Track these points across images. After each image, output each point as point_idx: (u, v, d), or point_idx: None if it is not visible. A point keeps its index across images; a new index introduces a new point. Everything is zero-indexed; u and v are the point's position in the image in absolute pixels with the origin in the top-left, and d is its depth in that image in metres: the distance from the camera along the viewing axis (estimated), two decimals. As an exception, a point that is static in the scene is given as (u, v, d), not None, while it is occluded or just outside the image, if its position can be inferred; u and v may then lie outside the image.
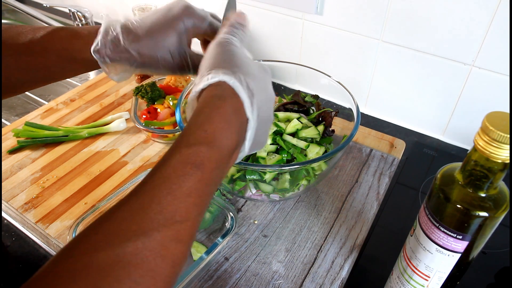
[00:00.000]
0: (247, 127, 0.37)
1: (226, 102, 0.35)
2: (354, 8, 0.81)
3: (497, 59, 0.72)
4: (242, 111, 0.36)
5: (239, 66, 0.39)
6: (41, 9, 1.35)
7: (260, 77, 0.41)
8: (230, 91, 0.36)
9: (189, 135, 0.33)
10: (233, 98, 0.36)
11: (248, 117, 0.37)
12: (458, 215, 0.39)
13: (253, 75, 0.39)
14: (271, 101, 0.43)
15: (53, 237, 0.64)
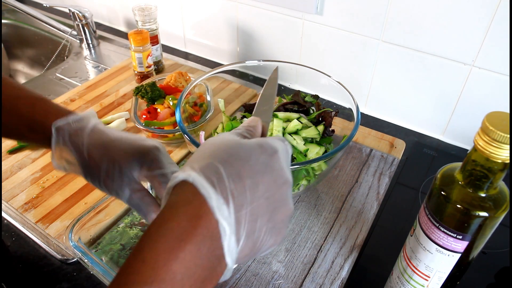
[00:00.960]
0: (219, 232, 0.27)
1: (179, 212, 0.27)
2: (354, 8, 0.81)
3: (497, 59, 0.72)
4: (208, 215, 0.27)
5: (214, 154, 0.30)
6: (41, 9, 1.35)
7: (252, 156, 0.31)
8: (190, 192, 0.28)
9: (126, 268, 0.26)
10: (191, 202, 0.27)
11: (218, 219, 0.27)
12: (458, 215, 0.39)
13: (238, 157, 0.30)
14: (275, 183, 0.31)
15: (53, 237, 0.64)
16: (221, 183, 0.28)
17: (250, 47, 1.04)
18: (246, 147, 0.32)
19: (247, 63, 0.77)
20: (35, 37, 1.33)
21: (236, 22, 1.02)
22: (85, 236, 0.61)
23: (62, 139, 0.43)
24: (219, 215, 0.27)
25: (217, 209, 0.27)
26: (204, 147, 0.32)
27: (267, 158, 0.31)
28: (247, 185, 0.29)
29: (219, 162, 0.29)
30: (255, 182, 0.30)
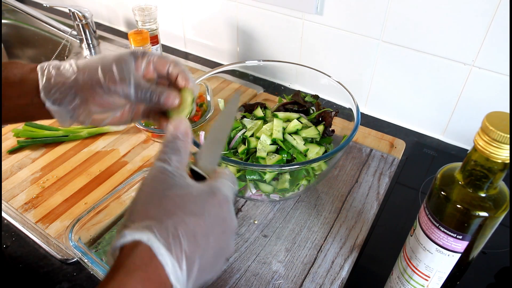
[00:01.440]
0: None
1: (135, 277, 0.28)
2: (354, 8, 0.81)
3: (497, 59, 0.72)
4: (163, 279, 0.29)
5: (168, 210, 0.31)
6: (41, 9, 1.35)
7: (203, 211, 0.33)
8: (146, 255, 0.28)
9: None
10: (148, 266, 0.28)
11: (173, 284, 0.29)
12: (458, 215, 0.39)
13: (190, 214, 0.31)
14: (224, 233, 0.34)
15: (53, 237, 0.64)
16: (177, 246, 0.29)
17: (250, 47, 1.04)
18: (199, 199, 0.33)
19: (247, 63, 0.77)
20: (35, 37, 1.33)
21: (236, 22, 1.02)
22: (85, 236, 0.61)
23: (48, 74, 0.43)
24: (174, 279, 0.29)
25: (172, 274, 0.29)
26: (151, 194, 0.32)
27: (219, 210, 0.34)
28: (200, 242, 0.31)
29: (175, 222, 0.30)
30: (207, 237, 0.32)
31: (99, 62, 0.43)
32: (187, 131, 0.38)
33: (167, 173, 0.34)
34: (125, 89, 0.42)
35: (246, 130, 0.70)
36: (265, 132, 0.67)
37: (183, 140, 0.37)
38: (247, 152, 0.66)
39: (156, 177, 0.34)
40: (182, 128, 0.38)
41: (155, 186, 0.33)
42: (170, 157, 0.35)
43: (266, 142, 0.65)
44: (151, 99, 0.43)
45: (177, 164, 0.35)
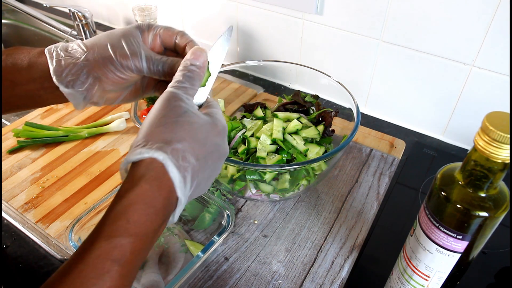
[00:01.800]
0: (177, 203, 0.35)
1: (154, 185, 0.33)
2: (354, 8, 0.81)
3: (497, 59, 0.72)
4: (172, 191, 0.34)
5: (179, 135, 0.36)
6: (41, 9, 1.35)
7: (207, 139, 0.38)
8: (161, 170, 0.34)
9: (111, 224, 0.32)
10: (162, 179, 0.34)
11: (179, 196, 0.35)
12: (458, 215, 0.39)
13: (196, 141, 0.37)
14: (219, 158, 0.40)
15: (53, 237, 0.64)
16: (184, 167, 0.35)
17: (250, 47, 1.04)
18: (204, 129, 0.38)
19: (247, 63, 0.77)
20: (35, 37, 1.33)
21: (236, 22, 1.02)
22: (85, 236, 0.61)
23: (57, 57, 0.43)
24: (180, 193, 0.35)
25: (179, 188, 0.35)
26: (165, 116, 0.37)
27: (218, 138, 0.40)
28: (201, 164, 0.37)
29: (185, 147, 0.36)
30: (206, 159, 0.38)
31: (107, 39, 0.43)
32: (205, 63, 0.41)
33: (180, 100, 0.38)
34: (137, 63, 0.43)
35: (246, 130, 0.70)
36: (265, 132, 0.67)
37: (198, 70, 0.41)
38: (247, 152, 0.67)
39: (169, 102, 0.37)
40: (201, 58, 0.41)
41: (167, 111, 0.37)
42: (184, 85, 0.39)
43: (266, 142, 0.65)
44: (163, 70, 0.44)
45: (190, 92, 0.39)
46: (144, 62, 0.43)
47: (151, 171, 0.34)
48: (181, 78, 0.39)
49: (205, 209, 0.65)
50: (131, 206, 0.32)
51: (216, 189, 0.72)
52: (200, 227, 0.65)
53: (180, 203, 0.36)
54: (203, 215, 0.65)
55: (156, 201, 0.33)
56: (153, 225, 0.33)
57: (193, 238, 0.64)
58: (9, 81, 0.43)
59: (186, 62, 0.41)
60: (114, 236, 0.31)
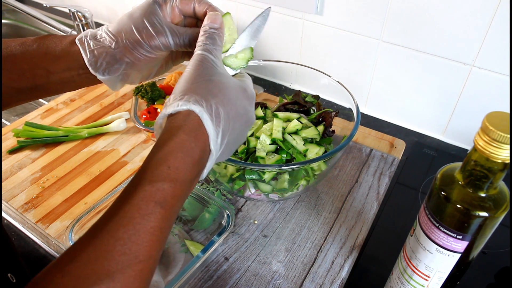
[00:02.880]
0: (209, 157, 0.38)
1: (191, 136, 0.36)
2: (354, 8, 0.81)
3: (497, 59, 0.72)
4: (206, 143, 0.37)
5: (212, 91, 0.38)
6: (41, 9, 1.35)
7: (237, 99, 0.40)
8: (197, 122, 0.36)
9: (153, 170, 0.33)
10: (198, 131, 0.36)
11: (211, 149, 0.37)
12: (458, 215, 0.39)
13: (228, 99, 0.39)
14: (246, 123, 0.42)
15: (53, 237, 0.64)
16: (217, 121, 0.38)
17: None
18: (235, 90, 0.41)
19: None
20: (35, 37, 1.33)
21: (236, 22, 1.02)
22: (85, 236, 0.61)
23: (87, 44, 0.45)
24: (213, 146, 0.37)
25: (212, 141, 0.37)
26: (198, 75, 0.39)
27: (247, 103, 0.42)
28: (231, 123, 0.39)
29: (217, 103, 0.38)
30: (235, 120, 0.40)
31: (131, 21, 0.45)
32: (222, 24, 0.44)
33: (209, 61, 0.41)
34: (164, 41, 0.45)
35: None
36: (265, 132, 0.67)
37: (219, 31, 0.43)
38: (247, 151, 0.66)
39: (201, 63, 0.40)
40: (218, 21, 0.44)
41: (201, 70, 0.40)
42: (210, 47, 0.41)
43: (265, 142, 0.65)
44: (189, 42, 0.45)
45: (216, 53, 0.42)
46: (170, 39, 0.45)
47: (188, 122, 0.36)
48: (205, 40, 0.42)
49: (205, 209, 0.65)
50: (171, 154, 0.34)
51: (216, 189, 0.72)
52: (200, 227, 0.65)
53: (211, 158, 0.38)
54: (203, 215, 0.65)
55: (193, 151, 0.35)
56: (191, 174, 0.35)
57: (193, 238, 0.64)
58: (44, 70, 0.45)
59: (205, 27, 0.43)
60: (156, 181, 0.32)
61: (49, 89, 0.47)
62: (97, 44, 0.45)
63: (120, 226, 0.30)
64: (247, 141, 0.67)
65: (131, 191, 0.32)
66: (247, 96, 0.43)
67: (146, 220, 0.31)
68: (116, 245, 0.29)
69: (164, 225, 0.32)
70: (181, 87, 0.38)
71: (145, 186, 0.32)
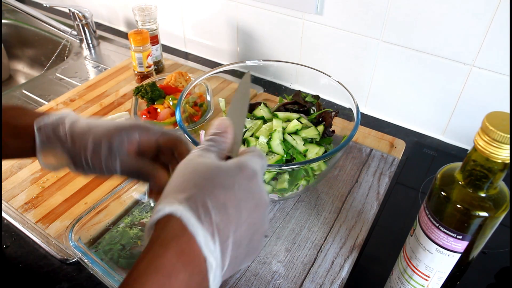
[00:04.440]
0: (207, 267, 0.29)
1: (168, 248, 0.28)
2: (354, 8, 0.81)
3: (497, 59, 0.72)
4: (196, 252, 0.28)
5: (199, 185, 0.31)
6: (41, 9, 1.35)
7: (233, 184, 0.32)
8: (178, 227, 0.28)
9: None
10: (181, 238, 0.28)
11: (206, 256, 0.28)
12: (458, 215, 0.39)
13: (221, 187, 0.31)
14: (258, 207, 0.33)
15: (53, 237, 0.64)
16: (207, 217, 0.29)
17: (250, 47, 1.04)
18: (228, 173, 0.32)
19: (247, 63, 0.77)
20: (35, 37, 1.33)
21: (236, 22, 1.02)
22: (85, 236, 0.61)
23: (45, 135, 0.43)
24: (206, 252, 0.28)
25: (204, 245, 0.28)
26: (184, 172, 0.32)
27: (248, 183, 0.33)
28: (231, 215, 0.30)
29: (204, 194, 0.30)
30: (238, 210, 0.31)
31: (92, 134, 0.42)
32: (228, 129, 0.38)
33: (201, 157, 0.34)
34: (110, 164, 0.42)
35: (246, 130, 0.70)
36: (264, 132, 0.67)
37: (224, 136, 0.37)
38: (247, 152, 0.66)
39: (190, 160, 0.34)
40: (223, 126, 0.38)
41: (187, 164, 0.33)
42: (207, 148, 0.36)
43: (264, 143, 0.65)
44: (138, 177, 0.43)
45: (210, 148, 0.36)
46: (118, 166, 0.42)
47: (166, 231, 0.28)
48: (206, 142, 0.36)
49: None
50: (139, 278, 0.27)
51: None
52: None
53: (211, 268, 0.28)
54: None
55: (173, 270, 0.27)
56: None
57: (193, 238, 0.64)
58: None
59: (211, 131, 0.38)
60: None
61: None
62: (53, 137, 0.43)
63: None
64: (247, 141, 0.67)
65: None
66: (247, 175, 0.33)
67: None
68: None
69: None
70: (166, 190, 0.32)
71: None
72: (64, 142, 0.43)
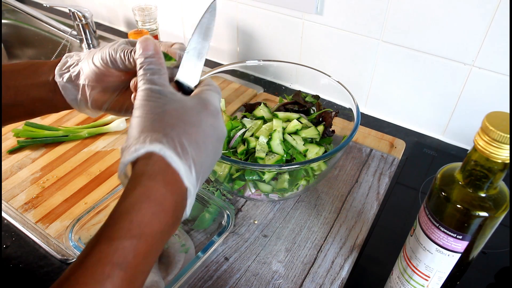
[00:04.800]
0: (187, 195, 0.34)
1: (157, 180, 0.31)
2: (354, 8, 0.81)
3: (497, 59, 0.72)
4: (178, 182, 0.33)
5: (170, 123, 0.34)
6: (41, 9, 1.35)
7: (200, 121, 0.36)
8: (162, 163, 0.32)
9: (112, 227, 0.30)
10: (166, 171, 0.32)
11: (187, 186, 0.33)
12: (458, 215, 0.39)
13: (190, 125, 0.35)
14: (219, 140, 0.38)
15: (53, 237, 0.64)
16: (185, 153, 0.34)
17: (250, 47, 1.04)
18: (195, 111, 0.37)
19: (247, 63, 0.77)
20: (35, 37, 1.33)
21: (236, 22, 1.02)
22: (85, 236, 0.61)
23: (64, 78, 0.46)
24: (187, 182, 0.33)
25: (185, 178, 0.33)
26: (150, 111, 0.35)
27: (213, 120, 0.38)
28: (202, 149, 0.35)
29: (179, 132, 0.34)
30: (207, 144, 0.36)
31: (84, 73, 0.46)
32: (156, 48, 0.39)
33: (155, 91, 0.36)
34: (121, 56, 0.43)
35: (246, 130, 0.70)
36: (264, 132, 0.67)
37: (155, 57, 0.39)
38: (247, 152, 0.67)
39: (148, 99, 0.36)
40: (150, 46, 0.39)
41: (150, 106, 0.35)
42: (151, 78, 0.37)
43: (264, 143, 0.65)
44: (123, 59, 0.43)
45: (162, 82, 0.37)
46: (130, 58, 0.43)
47: (151, 166, 0.32)
48: (144, 72, 0.38)
49: (205, 209, 0.65)
50: (135, 206, 0.30)
51: (216, 189, 0.72)
52: (200, 227, 0.65)
53: (190, 194, 0.34)
54: (203, 215, 0.65)
55: (163, 198, 0.31)
56: (161, 225, 0.31)
57: (193, 238, 0.64)
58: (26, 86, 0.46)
59: (139, 56, 0.39)
60: (115, 239, 0.29)
61: (27, 106, 0.47)
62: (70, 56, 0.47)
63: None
64: (247, 141, 0.67)
65: (87, 252, 0.29)
66: (211, 112, 0.37)
67: (102, 286, 0.27)
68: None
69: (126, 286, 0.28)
70: (134, 130, 0.34)
71: (101, 246, 0.29)
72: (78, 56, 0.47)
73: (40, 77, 0.46)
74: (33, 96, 0.46)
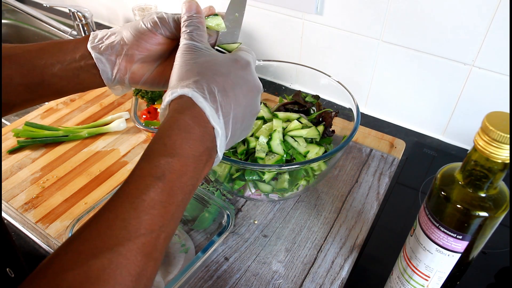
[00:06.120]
0: (214, 134, 0.37)
1: (184, 114, 0.36)
2: (354, 8, 0.81)
3: (497, 59, 0.72)
4: (204, 119, 0.36)
5: (200, 72, 0.39)
6: (41, 9, 1.35)
7: (229, 72, 0.40)
8: (189, 102, 0.36)
9: (149, 150, 0.34)
10: (192, 108, 0.36)
11: (213, 125, 0.37)
12: (458, 215, 0.39)
13: (219, 74, 0.39)
14: (251, 92, 0.41)
15: (53, 237, 0.64)
16: (212, 97, 0.37)
17: (250, 47, 1.04)
18: (224, 64, 0.41)
19: (247, 63, 0.77)
20: (35, 37, 1.33)
21: (236, 22, 1.02)
22: (85, 236, 0.61)
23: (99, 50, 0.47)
24: (213, 122, 0.36)
25: (211, 117, 0.36)
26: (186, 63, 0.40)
27: (243, 71, 0.41)
28: (230, 97, 0.38)
29: (208, 79, 0.38)
30: (236, 93, 0.39)
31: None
32: (198, 8, 0.45)
33: (192, 47, 0.41)
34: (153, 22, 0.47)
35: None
36: (264, 132, 0.67)
37: (197, 17, 0.44)
38: (247, 152, 0.66)
39: (186, 52, 0.41)
40: (193, 7, 0.44)
41: (186, 58, 0.40)
42: (190, 34, 0.42)
43: (264, 143, 0.65)
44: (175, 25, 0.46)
45: (200, 38, 0.42)
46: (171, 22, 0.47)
47: (181, 104, 0.36)
48: (184, 29, 0.43)
49: (205, 209, 0.65)
50: (166, 131, 0.35)
51: (216, 189, 0.72)
52: (200, 227, 0.65)
53: (218, 135, 0.37)
54: (203, 215, 0.65)
55: (191, 128, 0.35)
56: (191, 150, 0.35)
57: (193, 238, 0.64)
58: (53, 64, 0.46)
59: (183, 17, 0.44)
60: (153, 157, 0.33)
61: (54, 84, 0.47)
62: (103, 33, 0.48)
63: (119, 203, 0.31)
64: (247, 141, 0.67)
65: (130, 173, 0.33)
66: (241, 65, 0.42)
67: (144, 194, 0.31)
68: (116, 221, 0.30)
69: (165, 199, 0.32)
70: (173, 78, 0.39)
71: (141, 164, 0.33)
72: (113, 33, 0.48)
73: (66, 55, 0.46)
74: (60, 75, 0.47)
